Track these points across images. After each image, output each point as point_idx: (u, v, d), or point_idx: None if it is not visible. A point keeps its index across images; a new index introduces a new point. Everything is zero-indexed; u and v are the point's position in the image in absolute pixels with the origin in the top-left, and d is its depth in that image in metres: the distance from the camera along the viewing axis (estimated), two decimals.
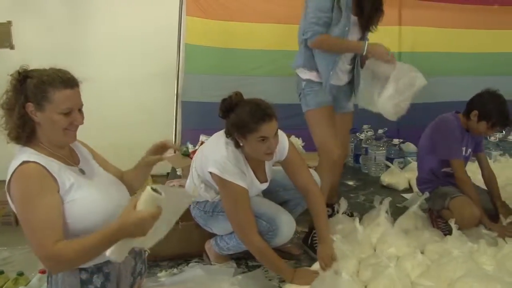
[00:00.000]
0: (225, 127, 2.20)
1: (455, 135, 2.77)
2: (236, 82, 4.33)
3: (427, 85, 4.61)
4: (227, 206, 2.20)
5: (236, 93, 2.14)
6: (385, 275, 2.09)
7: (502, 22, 5.03)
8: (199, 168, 2.30)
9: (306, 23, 2.61)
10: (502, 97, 2.71)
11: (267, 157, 2.19)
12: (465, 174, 2.77)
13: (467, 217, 2.61)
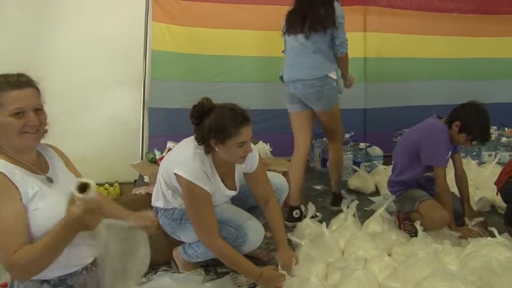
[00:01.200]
0: (195, 134, 2.18)
1: (444, 142, 2.76)
2: (204, 88, 4.33)
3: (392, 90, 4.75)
4: (189, 209, 2.18)
5: (206, 99, 2.13)
6: (353, 278, 2.10)
7: (461, 29, 5.21)
8: (166, 174, 2.28)
9: (341, 40, 3.12)
10: (486, 113, 2.75)
11: (242, 160, 2.20)
12: (446, 182, 2.77)
13: (437, 220, 2.65)
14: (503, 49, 5.41)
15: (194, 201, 2.15)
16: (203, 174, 2.15)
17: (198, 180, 2.13)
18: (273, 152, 4.14)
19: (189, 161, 2.15)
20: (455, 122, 2.74)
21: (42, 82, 1.57)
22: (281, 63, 4.29)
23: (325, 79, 3.14)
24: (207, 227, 2.16)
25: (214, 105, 2.14)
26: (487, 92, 5.37)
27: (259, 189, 2.40)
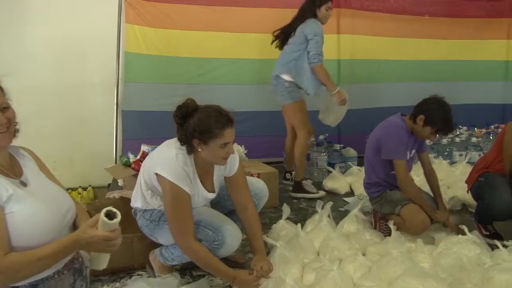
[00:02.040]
0: (178, 134, 2.16)
1: (401, 136, 2.83)
2: (179, 90, 4.31)
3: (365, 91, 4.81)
4: (168, 209, 2.16)
5: (191, 100, 2.13)
6: (328, 278, 2.11)
7: (432, 32, 5.32)
8: (147, 174, 2.26)
9: (312, 53, 3.58)
10: (448, 105, 2.80)
11: (224, 162, 2.20)
12: (407, 175, 2.83)
13: (418, 225, 2.68)
14: (472, 52, 5.56)
15: (173, 202, 2.14)
16: (185, 175, 2.14)
17: (180, 180, 2.11)
18: (248, 154, 4.14)
19: (171, 162, 2.14)
20: (419, 116, 2.80)
21: (12, 83, 1.54)
22: (256, 65, 4.33)
23: (277, 79, 3.76)
24: (184, 229, 2.15)
25: (198, 106, 2.13)
26: (457, 93, 5.48)
27: (239, 194, 2.39)
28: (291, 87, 3.72)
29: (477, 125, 5.27)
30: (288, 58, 3.71)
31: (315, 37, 3.58)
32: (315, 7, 3.65)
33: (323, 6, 3.65)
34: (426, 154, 3.06)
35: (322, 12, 3.66)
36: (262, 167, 3.67)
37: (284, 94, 3.75)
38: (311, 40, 3.58)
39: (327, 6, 3.66)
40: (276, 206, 3.44)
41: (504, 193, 2.68)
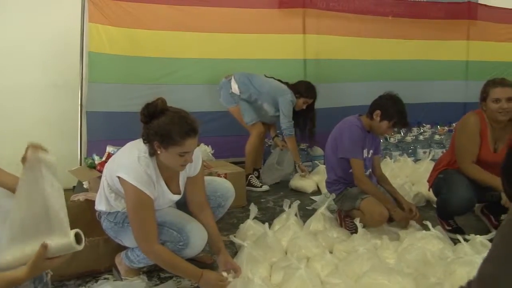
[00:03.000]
0: (143, 132, 2.13)
1: (356, 135, 2.89)
2: (145, 91, 4.26)
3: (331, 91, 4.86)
4: (131, 213, 2.13)
5: (161, 100, 2.08)
6: (296, 277, 2.12)
7: (396, 32, 5.42)
8: (109, 176, 2.22)
9: (286, 125, 3.98)
10: (401, 100, 2.89)
11: (181, 168, 2.19)
12: (363, 173, 2.89)
13: (376, 217, 2.74)
14: (434, 52, 5.69)
15: (136, 205, 2.11)
16: (147, 178, 2.11)
17: (142, 184, 2.08)
18: (214, 154, 4.13)
19: (134, 165, 2.10)
20: (375, 112, 2.86)
21: None
22: (221, 65, 4.31)
23: (226, 81, 4.09)
24: (146, 233, 2.12)
25: (168, 108, 2.10)
26: (421, 92, 5.63)
27: (197, 194, 2.39)
28: (231, 92, 4.05)
29: (440, 123, 5.40)
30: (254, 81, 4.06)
31: (287, 109, 3.97)
32: (298, 93, 4.06)
33: (303, 99, 4.05)
34: (378, 158, 3.15)
35: (299, 102, 4.05)
36: (229, 167, 3.66)
37: (227, 98, 4.08)
38: (283, 115, 3.98)
39: (306, 101, 4.06)
40: (243, 205, 3.45)
41: (461, 187, 2.75)
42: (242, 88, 4.00)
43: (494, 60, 5.92)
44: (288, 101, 3.95)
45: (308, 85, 4.10)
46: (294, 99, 3.99)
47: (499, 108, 2.70)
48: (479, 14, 5.76)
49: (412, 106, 5.52)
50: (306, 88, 4.07)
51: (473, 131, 2.80)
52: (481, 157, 2.81)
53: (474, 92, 3.00)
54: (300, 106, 4.04)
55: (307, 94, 4.04)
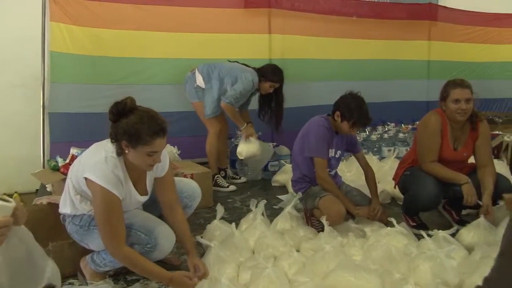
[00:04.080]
0: (111, 131, 2.09)
1: (322, 135, 2.91)
2: (109, 91, 4.18)
3: (297, 90, 4.89)
4: (98, 214, 2.10)
5: (131, 99, 2.05)
6: (264, 276, 2.12)
7: (360, 32, 5.50)
8: (75, 178, 2.17)
9: (231, 94, 3.84)
10: (361, 98, 2.92)
11: (149, 168, 2.16)
12: (325, 172, 2.92)
13: (334, 215, 2.75)
14: (397, 52, 5.81)
15: (104, 207, 2.07)
16: (115, 178, 2.08)
17: (110, 185, 2.05)
18: (181, 154, 4.10)
19: (101, 165, 2.07)
20: (336, 113, 2.91)
21: None
22: (187, 65, 4.27)
23: (191, 74, 4.03)
24: (114, 235, 2.09)
25: (137, 107, 2.07)
26: (385, 91, 5.74)
27: (167, 194, 2.37)
28: (195, 87, 3.98)
29: (404, 121, 5.51)
30: (215, 70, 3.98)
31: (239, 80, 3.89)
32: (265, 76, 3.96)
33: (269, 82, 3.97)
34: (361, 154, 3.18)
35: (266, 85, 3.99)
36: (195, 167, 3.64)
37: (191, 93, 4.01)
38: (235, 85, 3.88)
39: (272, 85, 3.99)
40: (210, 206, 3.43)
41: (428, 185, 2.81)
42: (206, 78, 3.95)
43: (454, 60, 6.09)
44: (245, 80, 3.88)
45: (274, 68, 4.04)
46: (255, 80, 3.91)
47: (458, 108, 2.78)
48: (439, 15, 5.92)
49: (376, 105, 5.65)
50: (272, 71, 4.01)
51: (434, 130, 2.87)
52: (442, 155, 2.88)
53: (435, 91, 3.07)
54: (266, 89, 4.00)
55: (272, 77, 3.97)
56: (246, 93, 3.93)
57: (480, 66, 6.06)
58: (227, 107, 3.86)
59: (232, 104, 3.84)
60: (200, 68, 4.00)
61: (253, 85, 3.90)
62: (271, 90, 4.00)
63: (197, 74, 3.99)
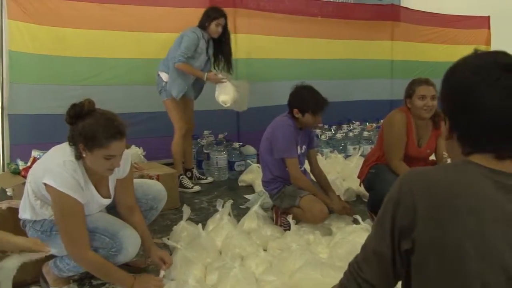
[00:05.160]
0: (69, 133, 2.04)
1: (289, 134, 2.93)
2: (71, 92, 4.09)
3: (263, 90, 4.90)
4: (59, 220, 2.05)
5: (89, 101, 2.00)
6: (231, 276, 2.12)
7: (325, 32, 5.57)
8: (34, 183, 2.11)
9: (178, 53, 3.76)
10: (309, 86, 2.99)
11: (108, 173, 2.12)
12: (298, 172, 2.95)
13: (317, 214, 2.79)
14: (361, 51, 5.91)
15: (64, 212, 2.03)
16: (75, 183, 2.03)
17: (70, 189, 2.00)
18: (146, 156, 4.05)
19: (60, 170, 2.01)
20: (293, 111, 2.94)
21: None
22: (153, 65, 4.22)
23: (157, 77, 3.95)
24: (76, 240, 2.05)
25: (95, 109, 2.02)
26: (350, 90, 5.83)
27: (126, 196, 2.34)
28: (163, 84, 3.91)
29: (369, 120, 5.60)
30: (168, 56, 3.91)
31: (183, 39, 3.81)
32: (206, 21, 3.87)
33: (213, 22, 3.87)
34: (314, 151, 3.21)
35: (212, 27, 3.88)
36: (161, 168, 3.60)
37: (161, 91, 3.94)
38: (181, 44, 3.80)
39: (217, 22, 3.88)
40: (177, 207, 3.39)
41: (393, 181, 2.85)
42: (166, 68, 3.90)
43: (416, 60, 6.26)
44: (186, 36, 3.82)
45: (209, 9, 3.99)
46: (197, 31, 3.84)
47: (424, 105, 2.84)
48: (401, 16, 6.07)
49: (341, 104, 5.76)
50: (209, 11, 3.95)
51: (400, 129, 2.93)
52: (408, 152, 2.94)
53: (399, 90, 3.14)
54: (214, 30, 3.90)
55: (213, 13, 3.89)
56: (195, 46, 3.81)
57: (440, 65, 6.18)
58: (179, 66, 3.79)
59: (183, 61, 3.77)
60: (159, 67, 3.97)
61: (197, 35, 3.82)
62: (220, 29, 3.91)
63: (160, 73, 3.94)
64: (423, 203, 0.96)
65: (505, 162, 0.99)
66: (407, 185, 1.01)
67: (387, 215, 1.02)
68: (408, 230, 0.97)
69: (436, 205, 0.95)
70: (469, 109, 1.00)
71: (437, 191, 0.97)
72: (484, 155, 1.00)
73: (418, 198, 0.97)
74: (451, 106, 1.06)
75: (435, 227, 0.94)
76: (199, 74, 3.87)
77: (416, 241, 0.96)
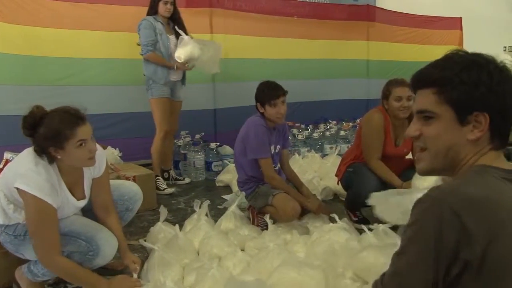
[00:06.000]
0: (34, 146, 2.02)
1: (261, 134, 2.94)
2: (45, 92, 4.02)
3: (239, 90, 4.89)
4: (31, 224, 2.01)
5: (37, 107, 1.99)
6: (209, 277, 2.11)
7: (301, 32, 5.60)
8: (6, 187, 2.06)
9: (141, 46, 3.78)
10: (268, 80, 3.02)
11: (90, 162, 2.09)
12: (272, 171, 2.96)
13: (289, 211, 2.81)
14: (337, 51, 5.96)
15: (37, 217, 1.99)
16: (48, 186, 1.99)
17: (43, 193, 1.96)
18: (123, 157, 4.00)
19: (32, 173, 1.98)
20: (257, 106, 2.99)
21: None
22: (130, 65, 4.18)
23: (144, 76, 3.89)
24: (47, 245, 2.01)
25: (46, 111, 2.00)
26: (326, 90, 5.87)
27: (102, 196, 2.32)
28: (150, 82, 3.86)
29: (345, 119, 5.65)
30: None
31: (139, 32, 3.80)
32: (154, 4, 3.86)
33: (160, 1, 3.82)
34: (287, 152, 3.24)
35: (160, 7, 3.83)
36: (137, 169, 3.56)
37: (147, 89, 3.89)
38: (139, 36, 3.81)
39: (164, 0, 3.83)
40: (154, 208, 3.37)
41: (370, 181, 2.90)
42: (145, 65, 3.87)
43: (391, 60, 6.35)
44: (140, 26, 3.80)
45: None
46: (148, 19, 3.79)
47: (400, 106, 2.88)
48: (377, 16, 6.14)
49: (318, 103, 5.80)
50: None
51: (378, 128, 2.96)
52: (385, 151, 2.98)
53: (375, 89, 3.18)
54: (163, 9, 3.84)
55: None
56: (152, 31, 3.77)
57: (415, 65, 6.17)
58: (148, 56, 3.78)
59: (150, 50, 3.76)
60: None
61: (149, 21, 3.78)
62: (169, 6, 3.84)
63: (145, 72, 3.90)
64: (472, 221, 0.94)
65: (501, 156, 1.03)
66: (446, 205, 0.97)
67: (429, 241, 0.97)
68: (457, 251, 0.95)
69: (485, 220, 0.95)
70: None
71: (479, 206, 0.96)
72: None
73: (465, 217, 0.94)
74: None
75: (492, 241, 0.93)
76: (169, 65, 3.84)
77: (471, 260, 0.93)
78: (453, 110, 1.08)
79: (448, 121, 1.09)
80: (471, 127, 1.07)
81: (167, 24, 3.92)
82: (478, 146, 1.07)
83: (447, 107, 1.08)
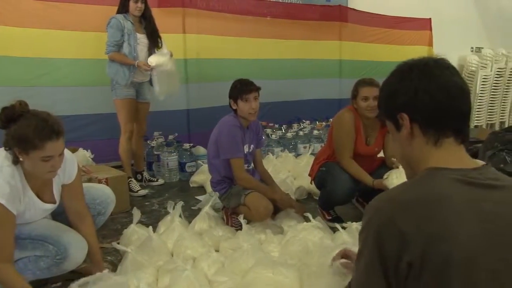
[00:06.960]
0: (4, 138, 1.95)
1: (233, 134, 2.94)
2: (13, 94, 3.82)
3: (213, 90, 4.88)
4: None
5: (20, 102, 1.91)
6: (183, 278, 2.09)
7: (274, 32, 5.62)
8: None
9: (107, 45, 3.74)
10: (241, 78, 3.04)
11: (50, 175, 2.03)
12: (243, 172, 2.96)
13: (262, 211, 2.81)
14: (310, 51, 6.00)
15: None
16: (10, 190, 1.92)
17: (3, 197, 1.89)
18: (95, 158, 3.94)
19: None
20: (230, 103, 3.01)
21: None
22: (98, 66, 4.12)
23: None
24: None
25: (28, 110, 1.93)
26: (299, 89, 5.90)
27: (75, 202, 2.26)
28: (114, 83, 3.82)
29: (318, 118, 5.69)
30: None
31: (108, 32, 3.75)
32: (124, 2, 3.80)
33: (130, 1, 3.78)
34: (260, 152, 3.26)
35: (131, 5, 3.78)
36: (110, 171, 3.50)
37: (111, 90, 3.86)
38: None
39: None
40: (127, 210, 3.32)
41: (343, 180, 2.93)
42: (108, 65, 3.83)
43: (363, 60, 6.43)
44: (108, 25, 3.75)
45: None
46: (118, 17, 3.74)
47: (367, 106, 2.92)
48: (349, 17, 6.21)
49: (291, 103, 5.83)
50: None
51: (349, 128, 2.99)
52: (357, 150, 3.01)
53: (347, 89, 3.20)
54: (134, 7, 3.77)
55: None
56: (120, 31, 3.72)
57: (387, 65, 6.39)
58: (111, 56, 3.75)
59: (113, 50, 3.73)
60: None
61: (118, 20, 3.73)
62: (140, 4, 3.78)
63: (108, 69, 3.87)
64: (408, 223, 0.97)
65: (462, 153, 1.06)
66: (383, 214, 1.01)
67: (373, 253, 1.00)
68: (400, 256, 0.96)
69: (422, 220, 0.96)
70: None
71: (415, 208, 0.98)
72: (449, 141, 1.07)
73: (400, 222, 0.97)
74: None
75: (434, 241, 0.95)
76: (130, 62, 3.78)
77: (412, 260, 0.95)
78: (390, 121, 1.16)
79: (394, 132, 1.16)
80: (403, 129, 1.12)
81: (139, 22, 3.86)
82: (421, 149, 1.10)
83: (388, 120, 1.17)
